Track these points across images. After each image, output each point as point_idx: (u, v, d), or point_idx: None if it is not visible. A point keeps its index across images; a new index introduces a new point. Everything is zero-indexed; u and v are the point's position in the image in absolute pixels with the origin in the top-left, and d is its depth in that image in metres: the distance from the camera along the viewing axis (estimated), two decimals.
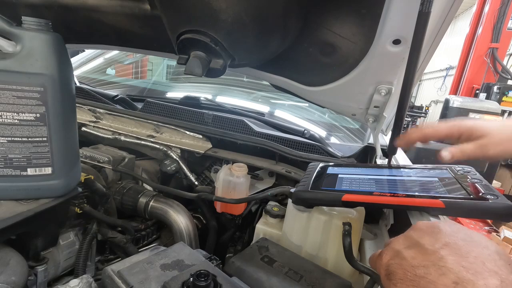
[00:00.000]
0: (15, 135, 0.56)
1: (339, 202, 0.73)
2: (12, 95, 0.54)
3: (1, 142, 0.55)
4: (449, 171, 0.80)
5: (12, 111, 0.54)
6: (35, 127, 0.56)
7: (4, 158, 0.57)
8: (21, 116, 0.55)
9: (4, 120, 0.55)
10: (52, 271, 0.79)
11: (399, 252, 0.41)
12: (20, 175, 0.59)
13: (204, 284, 0.59)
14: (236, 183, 1.01)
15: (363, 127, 1.68)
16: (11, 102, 0.54)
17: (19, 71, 0.53)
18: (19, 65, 0.53)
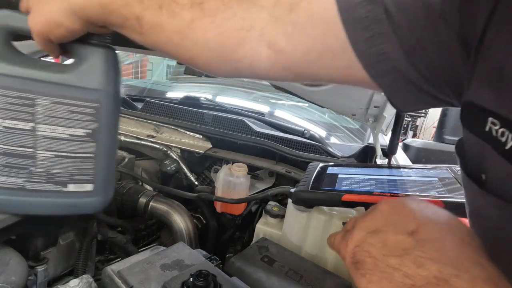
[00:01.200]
0: (62, 150, 0.54)
1: (339, 202, 0.73)
2: (67, 109, 0.52)
3: (47, 156, 0.53)
4: (449, 171, 0.80)
5: (64, 125, 0.52)
6: (84, 143, 0.54)
7: (47, 173, 0.55)
8: (72, 131, 0.53)
9: (54, 135, 0.53)
10: (52, 271, 0.79)
11: (365, 238, 0.34)
12: (60, 191, 0.56)
13: (204, 284, 0.59)
14: (236, 183, 1.01)
15: (363, 127, 1.68)
16: (64, 116, 0.52)
17: (77, 86, 0.52)
18: (78, 79, 0.52)
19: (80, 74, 0.52)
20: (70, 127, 0.53)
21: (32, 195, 0.55)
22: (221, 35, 0.43)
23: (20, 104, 0.50)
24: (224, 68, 0.47)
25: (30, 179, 0.54)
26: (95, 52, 0.53)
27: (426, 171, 0.84)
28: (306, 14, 0.39)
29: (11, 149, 0.51)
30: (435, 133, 2.62)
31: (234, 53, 0.44)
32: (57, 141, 0.53)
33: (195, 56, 0.46)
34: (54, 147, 0.53)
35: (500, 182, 0.31)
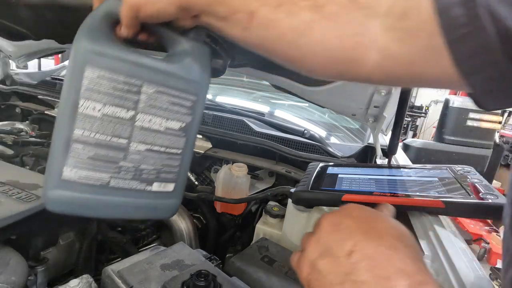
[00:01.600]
0: (155, 144, 0.50)
1: (339, 202, 0.73)
2: (168, 100, 0.50)
3: (139, 149, 0.50)
4: (449, 171, 0.80)
5: (162, 117, 0.50)
6: (176, 138, 0.52)
7: (135, 169, 0.50)
8: (169, 123, 0.50)
9: (151, 126, 0.49)
10: (52, 271, 0.79)
11: (314, 263, 0.38)
12: (143, 190, 0.52)
13: (204, 284, 0.59)
14: (236, 183, 1.01)
15: (363, 127, 1.68)
16: (164, 107, 0.50)
17: (181, 76, 0.51)
18: (183, 70, 0.51)
19: (185, 65, 0.51)
20: (167, 119, 0.51)
21: (114, 193, 0.49)
22: (338, 38, 0.46)
23: (125, 90, 0.47)
24: (330, 70, 0.50)
25: (116, 174, 0.49)
26: (198, 46, 0.53)
27: (426, 171, 0.84)
28: (415, 20, 0.42)
29: (104, 139, 0.47)
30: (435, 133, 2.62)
31: (346, 56, 0.47)
32: (153, 134, 0.50)
33: (306, 55, 0.48)
34: (148, 140, 0.50)
35: None
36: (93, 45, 0.46)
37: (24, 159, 1.24)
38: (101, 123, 0.47)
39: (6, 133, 1.33)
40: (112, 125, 0.47)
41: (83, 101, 0.45)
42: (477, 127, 2.34)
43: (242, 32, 0.49)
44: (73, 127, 0.45)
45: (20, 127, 1.41)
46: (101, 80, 0.46)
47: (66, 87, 0.46)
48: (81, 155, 0.46)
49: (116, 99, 0.47)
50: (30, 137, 1.36)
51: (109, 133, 0.47)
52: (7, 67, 1.71)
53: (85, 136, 0.46)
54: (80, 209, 0.48)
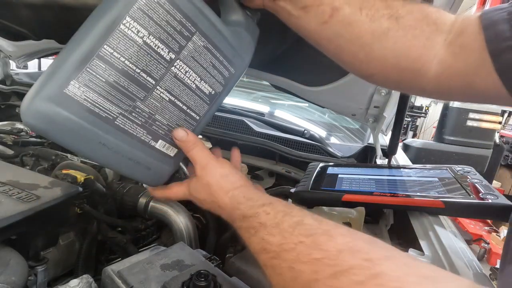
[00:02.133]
0: (180, 98, 0.47)
1: (339, 202, 0.73)
2: (211, 60, 0.48)
3: (163, 97, 0.46)
4: (449, 171, 0.80)
5: (199, 74, 0.47)
6: (202, 102, 0.49)
7: (148, 116, 0.46)
8: (201, 84, 0.48)
9: (184, 78, 0.46)
10: (52, 271, 0.79)
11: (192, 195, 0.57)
12: (146, 143, 0.47)
13: (204, 284, 0.59)
14: None
15: (363, 127, 1.68)
16: (205, 65, 0.47)
17: (232, 44, 0.49)
18: (235, 40, 0.49)
19: (239, 35, 0.50)
20: (202, 79, 0.48)
21: (114, 134, 0.43)
22: (408, 48, 0.49)
23: (178, 30, 0.43)
24: (391, 77, 0.53)
25: (128, 114, 0.44)
26: (253, 24, 0.52)
27: (426, 171, 0.84)
28: (468, 37, 0.47)
29: (133, 70, 0.42)
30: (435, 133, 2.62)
31: (410, 65, 0.50)
32: (182, 87, 0.47)
33: (376, 58, 0.51)
34: (176, 91, 0.46)
35: None
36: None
37: (24, 159, 1.24)
38: (138, 51, 0.41)
39: (6, 133, 1.33)
40: (147, 58, 0.42)
41: (129, 20, 0.40)
42: (477, 127, 2.34)
43: (319, 25, 0.49)
44: (104, 41, 0.39)
45: (20, 127, 1.41)
46: (159, 7, 0.41)
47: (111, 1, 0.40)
48: (99, 76, 0.40)
49: (164, 34, 0.42)
50: (30, 137, 1.35)
51: (140, 66, 0.42)
52: (7, 67, 1.71)
53: (113, 56, 0.40)
54: (64, 136, 0.40)
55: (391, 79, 0.54)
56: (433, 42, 0.49)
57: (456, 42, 0.49)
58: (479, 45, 0.45)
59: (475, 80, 0.48)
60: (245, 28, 0.51)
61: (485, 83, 0.46)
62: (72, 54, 0.39)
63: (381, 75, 0.54)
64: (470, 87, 0.50)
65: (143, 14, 0.40)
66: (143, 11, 0.40)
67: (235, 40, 0.50)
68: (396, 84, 0.58)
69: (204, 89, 0.49)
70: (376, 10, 0.49)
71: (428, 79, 0.51)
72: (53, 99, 0.38)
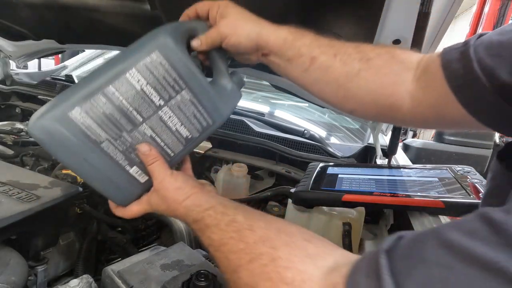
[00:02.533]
0: (160, 136, 0.56)
1: (339, 202, 0.73)
2: (193, 111, 0.57)
3: (145, 133, 0.55)
4: (449, 171, 0.80)
5: (180, 120, 0.57)
6: (178, 142, 0.58)
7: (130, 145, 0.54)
8: (181, 128, 0.58)
9: (167, 121, 0.56)
10: (52, 271, 0.79)
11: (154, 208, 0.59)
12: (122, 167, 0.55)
13: (204, 284, 0.59)
14: (236, 183, 1.01)
15: (363, 127, 1.68)
16: (187, 114, 0.57)
17: (214, 102, 0.59)
18: (218, 98, 0.59)
19: (222, 98, 0.60)
20: (182, 124, 0.57)
21: (98, 154, 0.51)
22: (379, 85, 0.57)
23: (170, 85, 0.53)
24: (369, 111, 0.61)
25: (113, 140, 0.52)
26: (238, 93, 0.64)
27: (426, 171, 0.84)
28: (432, 72, 0.53)
29: (126, 107, 0.51)
30: (435, 133, 2.62)
31: (385, 100, 0.57)
32: (164, 128, 0.56)
33: (351, 96, 0.59)
34: (157, 130, 0.55)
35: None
36: (170, 40, 0.53)
37: (24, 159, 1.24)
38: (134, 95, 0.51)
39: (6, 133, 1.33)
40: (140, 101, 0.52)
41: (134, 71, 0.50)
42: None
43: (302, 73, 0.59)
44: (110, 83, 0.49)
45: (20, 127, 1.41)
46: (160, 66, 0.52)
47: (127, 53, 0.52)
48: (98, 107, 0.50)
49: (159, 86, 0.53)
50: (30, 137, 1.36)
51: (133, 105, 0.52)
52: (7, 67, 1.71)
53: (114, 95, 0.50)
54: (57, 148, 0.49)
55: (370, 113, 0.62)
56: (402, 78, 0.56)
57: (423, 78, 0.55)
58: (441, 81, 0.51)
59: (444, 111, 0.53)
60: (230, 91, 0.62)
61: (454, 113, 0.52)
62: (84, 87, 0.49)
63: (360, 110, 0.62)
64: (442, 117, 0.56)
65: (146, 69, 0.51)
66: (147, 67, 0.51)
67: (218, 100, 0.60)
68: (377, 117, 0.67)
69: (182, 133, 0.58)
70: (349, 55, 0.57)
71: (403, 112, 0.57)
72: (57, 118, 0.47)
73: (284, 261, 0.38)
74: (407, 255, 0.30)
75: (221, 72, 0.62)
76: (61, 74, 1.97)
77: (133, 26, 1.05)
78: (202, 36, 0.59)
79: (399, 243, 0.32)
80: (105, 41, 1.31)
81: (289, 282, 0.36)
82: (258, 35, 0.59)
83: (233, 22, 0.59)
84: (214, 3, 0.61)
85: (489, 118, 0.50)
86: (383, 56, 0.58)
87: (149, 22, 1.00)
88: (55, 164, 1.15)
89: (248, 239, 0.43)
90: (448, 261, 0.26)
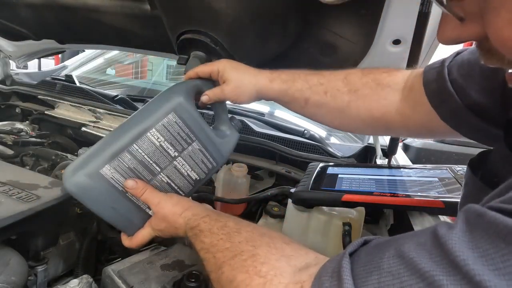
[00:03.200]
0: (174, 181, 0.66)
1: (339, 202, 0.73)
2: (202, 158, 0.67)
3: (163, 180, 0.64)
4: (449, 171, 0.80)
5: (191, 166, 0.66)
6: (188, 184, 0.68)
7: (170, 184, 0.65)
8: (191, 172, 0.67)
9: (180, 168, 0.65)
10: (52, 271, 0.79)
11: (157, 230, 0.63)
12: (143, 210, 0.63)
13: (195, 285, 0.60)
14: (236, 183, 1.01)
15: None
16: (196, 161, 0.66)
17: (218, 148, 0.69)
18: (220, 143, 0.69)
19: (223, 141, 0.70)
20: (192, 169, 0.66)
21: (124, 201, 0.60)
22: (369, 111, 0.66)
23: (184, 139, 0.63)
24: (366, 131, 0.79)
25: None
26: (236, 134, 0.74)
27: (426, 171, 0.84)
28: (417, 92, 0.60)
29: (147, 161, 0.60)
30: None
31: (378, 122, 0.66)
32: (178, 174, 0.65)
33: (347, 123, 0.71)
34: (172, 177, 0.64)
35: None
36: (183, 101, 0.62)
37: (24, 159, 1.24)
38: (154, 150, 0.60)
39: (6, 133, 1.33)
40: (159, 155, 0.61)
41: (154, 131, 0.59)
42: None
43: (301, 109, 0.71)
44: (134, 142, 0.58)
45: (20, 127, 1.41)
46: (174, 124, 0.61)
47: (146, 114, 0.60)
48: (125, 163, 0.58)
49: (174, 141, 0.62)
50: (30, 137, 1.36)
51: (153, 159, 0.61)
52: (7, 67, 1.71)
53: (137, 152, 0.59)
54: (89, 199, 0.57)
55: (368, 132, 0.78)
56: (390, 101, 0.65)
57: (411, 97, 0.63)
58: (425, 99, 0.59)
59: (432, 125, 0.60)
60: (229, 134, 0.73)
61: (440, 127, 0.59)
62: (112, 146, 0.57)
63: (359, 131, 0.79)
64: (432, 131, 0.64)
65: (164, 128, 0.60)
66: (165, 126, 0.60)
67: (220, 144, 0.69)
68: (374, 133, 0.82)
69: (192, 176, 0.67)
70: (338, 90, 0.66)
71: (397, 128, 0.66)
72: (90, 175, 0.56)
73: (262, 257, 0.42)
74: (367, 261, 0.32)
75: (222, 120, 0.74)
76: (61, 74, 1.97)
77: (133, 26, 1.05)
78: (210, 92, 0.69)
79: (362, 248, 0.35)
80: (105, 41, 1.31)
81: (263, 276, 0.39)
82: (257, 92, 0.69)
83: (235, 88, 0.68)
84: (213, 67, 0.69)
85: (470, 132, 0.56)
86: (370, 85, 0.66)
87: (149, 22, 1.00)
88: (55, 164, 1.15)
89: (234, 239, 0.47)
90: (397, 270, 0.29)
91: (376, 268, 0.31)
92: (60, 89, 1.57)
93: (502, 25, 0.31)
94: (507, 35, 0.31)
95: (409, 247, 0.29)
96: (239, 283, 0.40)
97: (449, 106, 0.55)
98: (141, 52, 1.47)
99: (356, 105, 0.65)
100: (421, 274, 0.27)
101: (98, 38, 1.31)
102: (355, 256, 0.35)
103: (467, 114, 0.53)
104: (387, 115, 0.65)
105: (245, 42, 0.85)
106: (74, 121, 1.40)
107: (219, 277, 0.45)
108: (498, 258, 0.23)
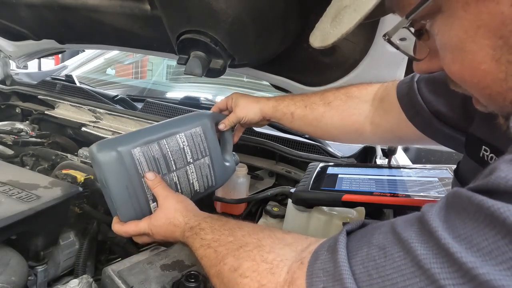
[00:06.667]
0: (180, 183, 0.75)
1: (339, 202, 0.73)
2: (207, 173, 0.79)
3: (173, 179, 0.73)
4: (449, 171, 0.80)
5: (197, 175, 0.77)
6: (189, 193, 0.77)
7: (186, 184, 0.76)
8: (195, 183, 0.78)
9: (188, 175, 0.76)
10: (52, 271, 0.79)
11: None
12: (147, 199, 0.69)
13: (194, 285, 0.60)
14: (236, 183, 1.01)
15: None
16: (203, 173, 0.79)
17: (221, 169, 0.83)
18: (223, 167, 0.84)
19: (224, 167, 0.85)
20: (197, 180, 0.77)
21: (136, 186, 0.66)
22: (341, 120, 0.78)
23: (201, 149, 0.77)
24: (343, 139, 0.86)
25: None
26: (234, 166, 0.89)
27: (426, 171, 0.84)
28: (389, 102, 0.70)
29: (170, 157, 0.71)
30: None
31: (350, 130, 0.78)
32: (185, 179, 0.75)
33: (325, 131, 0.82)
34: (181, 179, 0.74)
35: None
36: (209, 122, 0.80)
37: (24, 159, 1.24)
38: (177, 150, 0.73)
39: (6, 133, 1.33)
40: (179, 155, 0.73)
41: (182, 135, 0.74)
42: None
43: (289, 123, 0.84)
44: (165, 138, 0.71)
45: (20, 127, 1.41)
46: (198, 136, 0.77)
47: (180, 122, 0.76)
48: (152, 151, 0.68)
49: (194, 148, 0.76)
50: (30, 137, 1.35)
51: (174, 157, 0.72)
52: (7, 67, 1.71)
53: (165, 146, 0.70)
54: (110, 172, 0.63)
55: (346, 140, 0.88)
56: (360, 110, 0.75)
57: (381, 106, 0.72)
58: (399, 109, 0.66)
59: (401, 134, 0.69)
60: (229, 166, 0.86)
61: (411, 135, 0.66)
62: (147, 135, 0.69)
63: (337, 139, 0.87)
64: (401, 139, 0.75)
65: (190, 136, 0.75)
66: (191, 134, 0.75)
67: (222, 169, 0.83)
68: (351, 142, 0.96)
69: (195, 186, 0.77)
70: (314, 103, 0.80)
71: (368, 136, 0.77)
72: (123, 151, 0.64)
73: (267, 247, 0.45)
74: (361, 237, 0.37)
75: (226, 151, 0.87)
76: (61, 74, 1.97)
77: (133, 26, 1.05)
78: (226, 120, 0.83)
79: (361, 228, 0.40)
80: (105, 41, 1.31)
81: (269, 262, 0.42)
82: (261, 111, 0.84)
83: (244, 108, 0.83)
84: (228, 97, 0.87)
85: (444, 140, 0.62)
86: (340, 97, 0.78)
87: (149, 22, 1.00)
88: (55, 164, 1.15)
89: (237, 233, 0.50)
90: (383, 242, 0.33)
91: (367, 242, 0.35)
92: (60, 89, 1.57)
93: (449, 62, 0.37)
94: (454, 70, 0.37)
95: (398, 223, 0.34)
96: (245, 270, 0.43)
97: (422, 117, 0.63)
98: (141, 52, 1.47)
99: (330, 114, 0.77)
100: (402, 243, 0.31)
101: (98, 38, 1.31)
102: (352, 235, 0.39)
103: (439, 124, 0.60)
104: (357, 123, 0.75)
105: (246, 42, 0.85)
106: (74, 121, 1.40)
107: (220, 269, 0.46)
108: (459, 225, 0.29)
